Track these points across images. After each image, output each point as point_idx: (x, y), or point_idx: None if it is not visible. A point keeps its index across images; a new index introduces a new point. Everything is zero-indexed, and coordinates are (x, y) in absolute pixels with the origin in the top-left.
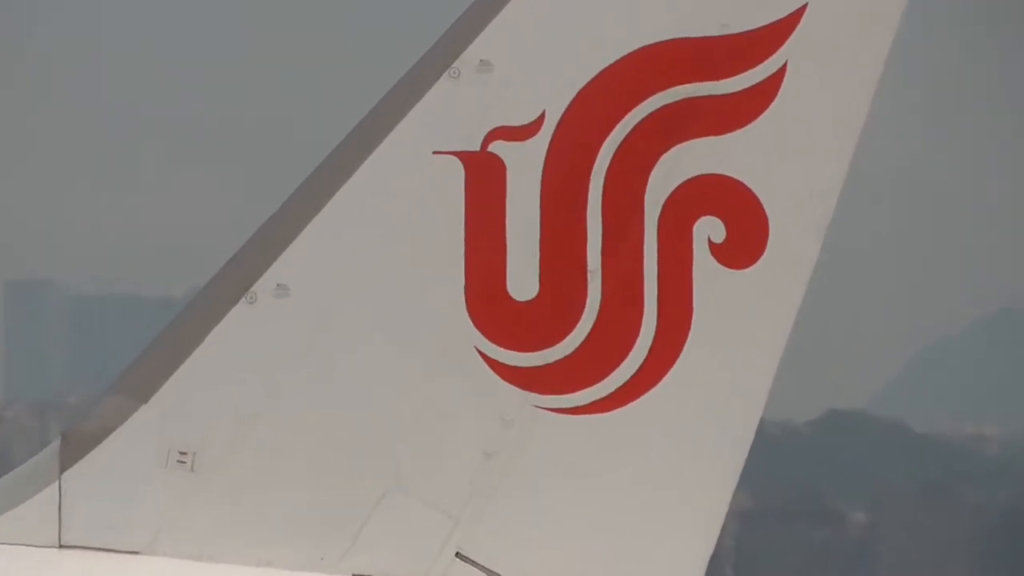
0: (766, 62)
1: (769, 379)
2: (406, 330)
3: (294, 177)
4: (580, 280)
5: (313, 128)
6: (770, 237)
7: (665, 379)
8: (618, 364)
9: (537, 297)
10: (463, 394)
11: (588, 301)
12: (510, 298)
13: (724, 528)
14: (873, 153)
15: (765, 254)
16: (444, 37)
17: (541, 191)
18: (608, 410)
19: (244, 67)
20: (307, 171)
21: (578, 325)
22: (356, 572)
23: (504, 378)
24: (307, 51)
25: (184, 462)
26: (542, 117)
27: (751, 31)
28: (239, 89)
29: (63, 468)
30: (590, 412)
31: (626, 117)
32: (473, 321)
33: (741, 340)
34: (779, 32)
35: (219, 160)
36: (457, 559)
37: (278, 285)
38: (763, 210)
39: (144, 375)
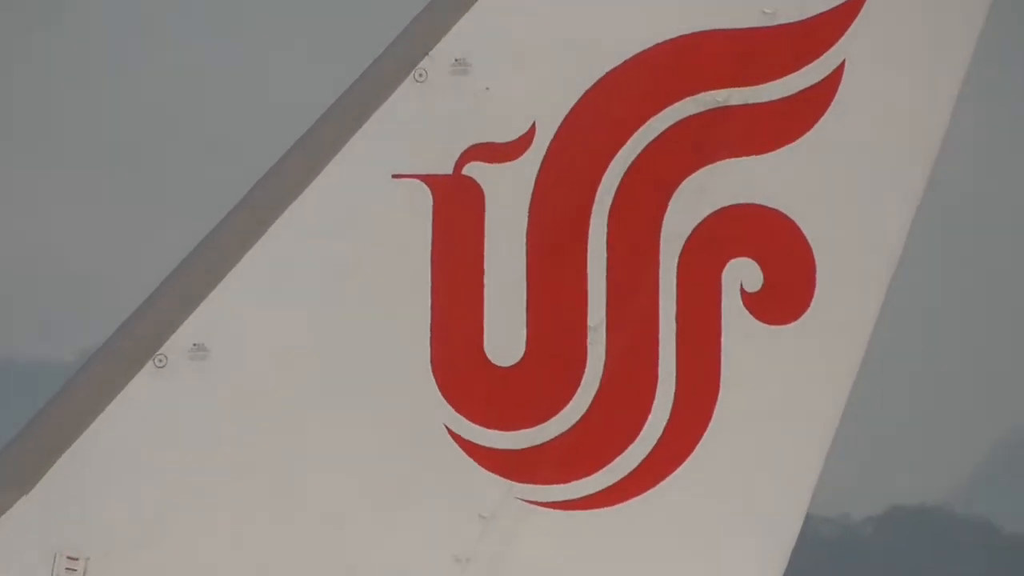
0: (818, 61)
1: (818, 464)
2: (356, 403)
3: (217, 211)
4: (578, 339)
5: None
6: (818, 286)
7: (684, 465)
8: (626, 446)
9: (523, 361)
10: (429, 484)
11: (588, 366)
12: (489, 363)
13: None
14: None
15: (812, 307)
16: (408, 29)
17: (529, 226)
18: (612, 504)
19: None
20: (233, 201)
21: (575, 397)
22: None
23: (481, 464)
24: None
25: (74, 570)
26: (532, 132)
27: (801, 22)
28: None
29: None
30: (590, 507)
31: (639, 131)
32: (442, 392)
33: (781, 415)
34: (835, 23)
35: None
36: None
37: (194, 345)
38: (810, 251)
39: (23, 459)
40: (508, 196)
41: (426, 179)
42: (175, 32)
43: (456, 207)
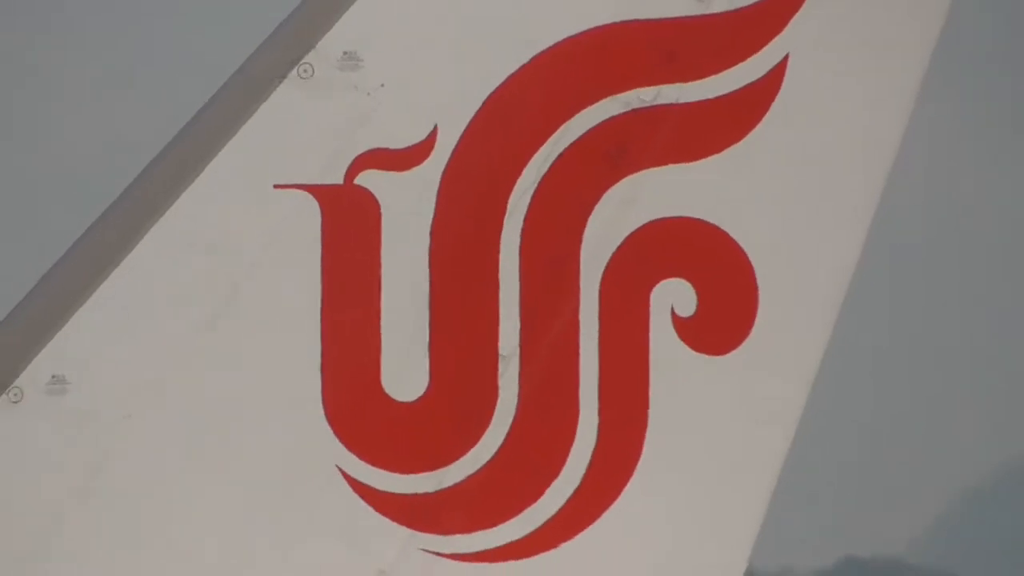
0: (758, 55)
1: (760, 513)
2: (237, 444)
3: (78, 223)
4: (488, 371)
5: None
6: (760, 311)
7: (609, 512)
8: (542, 491)
9: (426, 395)
10: (321, 535)
11: (500, 400)
12: (387, 398)
13: None
14: (914, 186)
15: (752, 335)
16: (290, 19)
17: (431, 243)
18: (528, 556)
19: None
20: (95, 213)
21: (485, 435)
22: None
23: (379, 510)
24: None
25: None
26: (433, 136)
27: (738, 10)
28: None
29: None
30: (501, 559)
31: (554, 136)
32: (334, 430)
33: (718, 456)
34: (778, 11)
35: None
36: None
37: (53, 377)
38: (751, 271)
39: None
40: (407, 209)
41: (313, 190)
42: None
43: (348, 221)
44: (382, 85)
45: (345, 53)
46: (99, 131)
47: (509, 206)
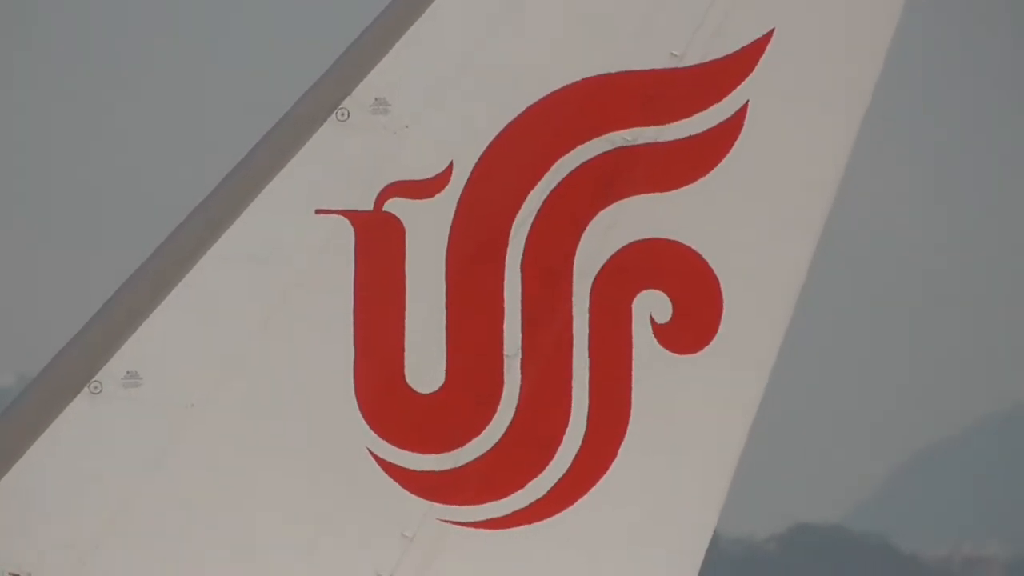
0: (723, 102)
1: (724, 486)
2: (283, 429)
3: (150, 240)
4: (495, 368)
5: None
6: (724, 316)
7: (598, 486)
8: (542, 468)
9: (443, 388)
10: (353, 505)
11: (505, 393)
12: (410, 390)
13: None
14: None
15: (718, 336)
16: (331, 71)
17: (447, 259)
18: (529, 523)
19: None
20: (164, 233)
21: (492, 422)
22: None
23: (403, 486)
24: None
25: None
26: (449, 170)
27: (706, 63)
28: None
29: None
30: (507, 526)
31: (551, 169)
32: (365, 418)
33: (690, 440)
34: (740, 64)
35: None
36: None
37: (128, 373)
38: (717, 283)
39: None
40: (427, 231)
41: (348, 215)
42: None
43: (377, 241)
44: (406, 126)
45: (376, 99)
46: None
47: (513, 228)
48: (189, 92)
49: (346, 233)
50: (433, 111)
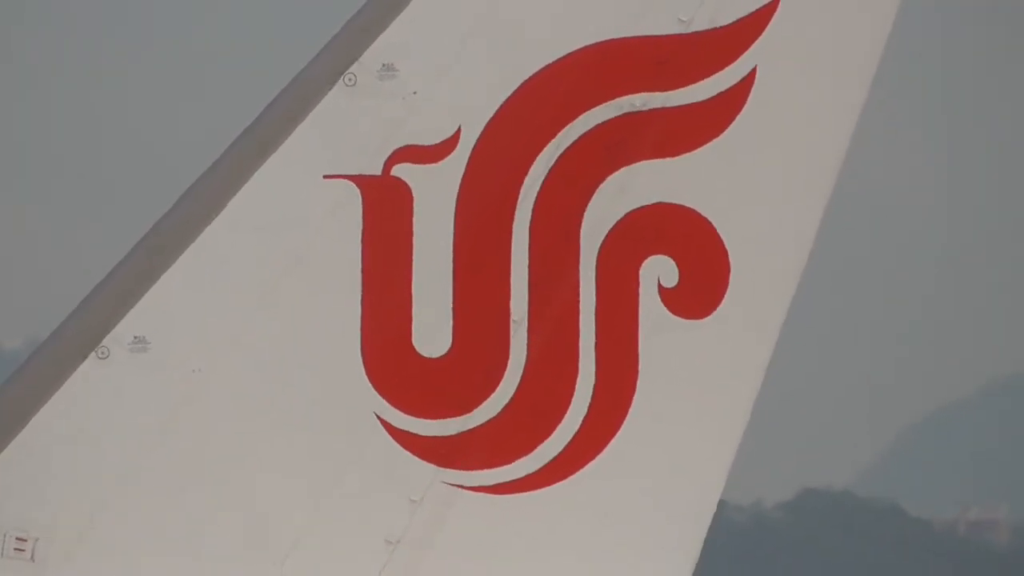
0: (730, 67)
1: (731, 451)
2: (290, 393)
3: (158, 206)
4: (502, 332)
5: (181, 150)
6: (731, 281)
7: (605, 452)
8: (548, 434)
9: (450, 353)
10: (360, 470)
11: (512, 358)
12: (417, 354)
13: None
14: (860, 179)
15: (725, 302)
16: (338, 36)
17: (455, 224)
18: (536, 488)
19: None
20: (172, 199)
21: (499, 387)
22: None
23: (410, 451)
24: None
25: (22, 550)
26: (457, 135)
27: (714, 29)
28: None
29: None
30: (514, 491)
31: (559, 134)
32: (372, 383)
33: (696, 405)
34: (747, 30)
35: (65, 184)
36: None
37: (135, 338)
38: (724, 248)
39: None
40: (435, 196)
41: (356, 179)
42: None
43: (385, 206)
44: (414, 92)
45: (384, 65)
46: (182, 129)
47: (521, 193)
48: (197, 59)
49: (354, 198)
50: (441, 77)
